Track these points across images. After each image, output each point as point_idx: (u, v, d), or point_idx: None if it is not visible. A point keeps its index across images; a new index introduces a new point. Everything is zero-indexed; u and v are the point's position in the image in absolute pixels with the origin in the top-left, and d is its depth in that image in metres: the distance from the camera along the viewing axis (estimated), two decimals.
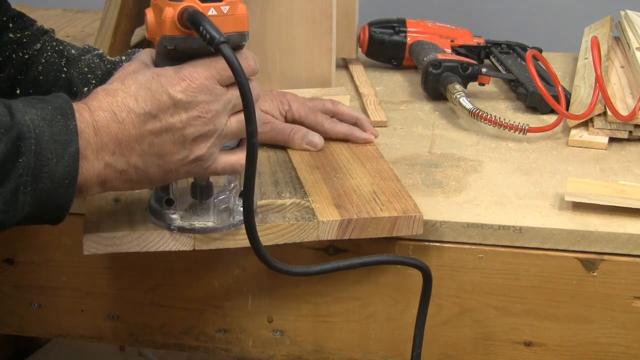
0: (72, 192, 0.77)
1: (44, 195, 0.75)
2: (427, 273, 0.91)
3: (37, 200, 0.75)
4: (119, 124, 0.78)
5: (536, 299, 0.95)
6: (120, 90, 0.79)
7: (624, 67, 1.35)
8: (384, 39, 1.49)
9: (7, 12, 1.07)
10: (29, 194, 0.75)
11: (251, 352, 1.03)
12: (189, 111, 0.79)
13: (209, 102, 0.79)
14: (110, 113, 0.78)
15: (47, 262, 1.02)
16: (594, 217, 0.95)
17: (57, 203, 0.77)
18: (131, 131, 0.78)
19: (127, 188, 0.82)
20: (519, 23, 2.04)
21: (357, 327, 0.99)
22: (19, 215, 0.76)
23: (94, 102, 0.79)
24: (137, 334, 1.04)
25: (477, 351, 0.98)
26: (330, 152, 1.08)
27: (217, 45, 0.75)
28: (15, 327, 1.06)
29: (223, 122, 0.81)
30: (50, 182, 0.75)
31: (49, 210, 0.77)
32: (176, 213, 0.87)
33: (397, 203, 0.93)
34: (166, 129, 0.79)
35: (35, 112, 0.75)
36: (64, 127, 0.76)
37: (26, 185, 0.74)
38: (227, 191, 0.87)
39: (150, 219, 0.88)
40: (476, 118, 1.19)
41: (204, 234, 0.87)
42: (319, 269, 0.88)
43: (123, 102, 0.78)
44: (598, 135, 1.17)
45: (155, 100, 0.78)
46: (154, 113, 0.78)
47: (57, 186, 0.75)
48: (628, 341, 0.95)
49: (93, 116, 0.78)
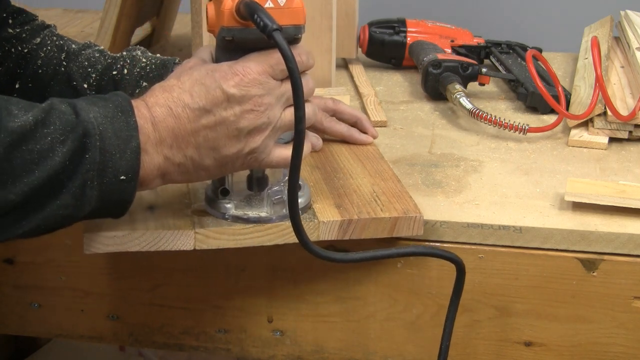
0: (134, 185, 0.79)
1: (109, 189, 0.78)
2: (461, 267, 0.90)
3: (102, 195, 0.78)
4: (175, 119, 0.80)
5: (536, 299, 0.95)
6: (176, 87, 0.82)
7: (624, 67, 1.35)
8: (384, 39, 1.49)
9: (7, 8, 1.08)
10: (95, 189, 0.77)
11: (251, 352, 1.03)
12: (242, 105, 0.81)
13: (262, 96, 0.81)
14: (166, 108, 0.81)
15: (47, 262, 1.02)
16: (594, 217, 0.95)
17: (120, 197, 0.79)
18: (187, 125, 0.81)
19: (185, 180, 0.85)
20: (519, 23, 2.04)
21: (357, 327, 0.99)
22: (85, 210, 0.78)
23: (151, 98, 0.81)
24: (137, 334, 1.04)
25: (477, 351, 0.98)
26: (330, 152, 1.08)
27: (270, 32, 0.76)
28: (15, 327, 1.06)
29: (277, 114, 0.83)
30: (114, 176, 0.78)
31: (113, 204, 0.80)
32: (231, 203, 0.89)
33: (397, 203, 0.93)
34: (220, 122, 0.81)
35: (98, 110, 0.78)
36: (124, 123, 0.78)
37: (93, 180, 0.77)
38: (282, 183, 0.90)
39: (206, 208, 0.90)
40: (476, 118, 1.19)
41: (258, 224, 0.88)
42: (359, 256, 0.88)
43: (179, 97, 0.81)
44: (598, 135, 1.17)
45: (209, 95, 0.81)
46: (208, 108, 0.81)
47: (121, 180, 0.78)
48: (628, 341, 0.95)
49: (151, 112, 0.80)
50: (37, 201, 0.75)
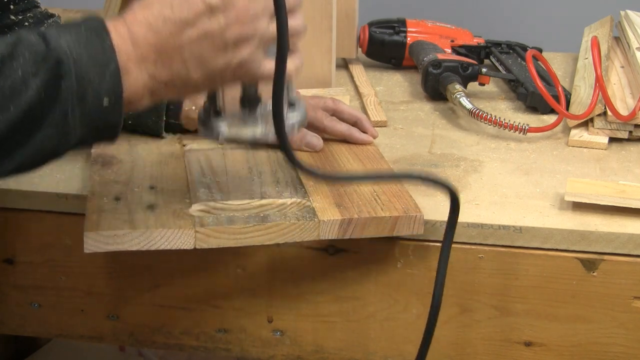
0: (119, 108, 0.77)
1: (93, 116, 0.76)
2: (455, 197, 0.88)
3: (87, 123, 0.76)
4: (156, 34, 0.78)
5: (536, 299, 0.95)
6: (156, 2, 0.79)
7: (624, 67, 1.35)
8: (384, 39, 1.49)
9: None
10: (77, 118, 0.75)
11: (251, 352, 1.03)
12: (226, 14, 0.78)
13: (246, 5, 0.79)
14: (146, 24, 0.78)
15: (47, 262, 1.02)
16: (594, 217, 0.95)
17: (107, 122, 0.77)
18: (169, 40, 0.78)
19: (174, 96, 0.83)
20: (519, 23, 2.04)
21: (357, 327, 0.99)
22: (72, 140, 0.76)
23: (130, 15, 0.79)
24: (137, 334, 1.04)
25: (477, 351, 0.98)
26: (330, 152, 1.08)
27: None
28: (15, 327, 1.06)
29: (264, 25, 0.80)
30: (96, 102, 0.75)
31: (101, 130, 0.78)
32: (224, 122, 0.87)
33: (397, 203, 0.93)
34: (204, 34, 0.79)
35: (70, 36, 0.75)
36: (100, 46, 0.76)
37: (73, 108, 0.75)
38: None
39: (199, 131, 0.88)
40: (476, 118, 1.19)
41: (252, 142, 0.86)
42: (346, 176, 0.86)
43: (159, 12, 0.78)
44: (598, 135, 1.17)
45: (190, 7, 0.78)
46: (190, 20, 0.78)
47: (105, 106, 0.76)
48: (628, 341, 0.95)
49: (130, 30, 0.78)
50: (18, 137, 0.73)
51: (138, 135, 1.10)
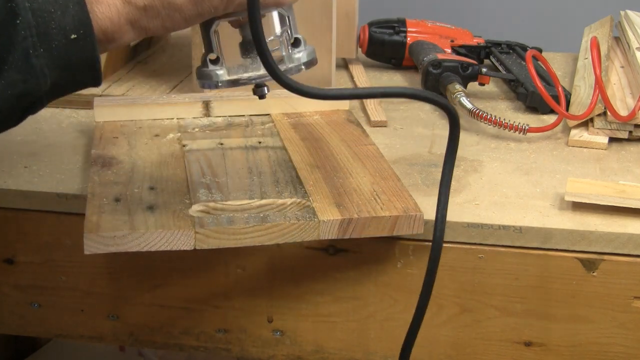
0: (92, 41, 0.70)
1: (62, 54, 0.70)
2: (453, 115, 0.86)
3: (57, 61, 0.70)
4: None
5: (536, 299, 0.95)
6: None
7: (624, 67, 1.35)
8: (384, 39, 1.49)
9: None
10: (42, 57, 0.69)
11: (251, 352, 1.03)
12: None
13: None
14: None
15: (47, 262, 1.02)
16: (594, 217, 0.95)
17: (81, 58, 0.71)
18: None
19: (162, 27, 0.75)
20: (519, 23, 2.05)
21: (357, 327, 0.99)
22: (44, 84, 0.70)
23: None
24: (137, 334, 1.04)
25: (477, 351, 0.98)
26: (330, 151, 1.08)
27: None
28: (15, 327, 1.06)
29: None
30: (63, 37, 0.69)
31: (77, 68, 0.71)
32: (222, 69, 0.84)
33: (397, 202, 0.93)
34: None
35: None
36: None
37: (35, 47, 0.69)
38: (279, 39, 0.85)
39: (198, 83, 0.86)
40: (476, 118, 1.19)
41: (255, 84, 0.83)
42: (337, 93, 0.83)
43: None
44: (598, 135, 1.17)
45: None
46: None
47: (73, 40, 0.70)
48: (628, 341, 0.95)
49: None
50: None
51: (132, 131, 1.09)
